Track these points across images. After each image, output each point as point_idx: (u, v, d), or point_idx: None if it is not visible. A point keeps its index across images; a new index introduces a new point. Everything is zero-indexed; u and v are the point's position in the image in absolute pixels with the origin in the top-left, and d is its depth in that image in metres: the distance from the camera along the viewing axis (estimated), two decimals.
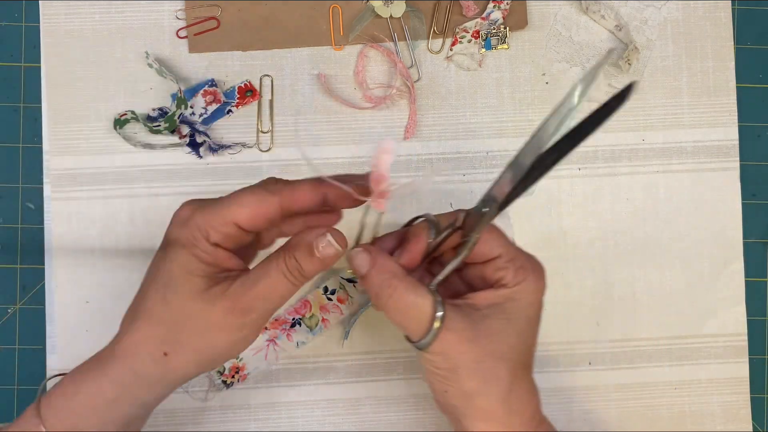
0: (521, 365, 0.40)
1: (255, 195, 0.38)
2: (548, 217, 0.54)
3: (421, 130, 0.53)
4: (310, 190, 0.39)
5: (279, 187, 0.39)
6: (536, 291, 0.41)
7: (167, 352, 0.38)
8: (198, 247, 0.37)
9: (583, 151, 0.54)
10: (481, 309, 0.40)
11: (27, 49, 0.53)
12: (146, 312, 0.38)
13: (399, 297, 0.39)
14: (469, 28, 0.53)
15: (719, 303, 0.54)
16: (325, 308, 0.52)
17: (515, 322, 0.40)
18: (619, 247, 0.54)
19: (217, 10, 0.53)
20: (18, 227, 0.53)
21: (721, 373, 0.54)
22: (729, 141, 0.54)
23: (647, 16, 0.54)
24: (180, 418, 0.52)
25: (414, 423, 0.53)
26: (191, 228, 0.37)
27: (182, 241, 0.37)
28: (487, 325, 0.39)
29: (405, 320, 0.39)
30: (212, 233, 0.37)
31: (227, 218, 0.37)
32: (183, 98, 0.51)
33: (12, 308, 0.53)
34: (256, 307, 0.38)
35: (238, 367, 0.52)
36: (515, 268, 0.40)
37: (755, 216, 0.54)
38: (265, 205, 0.38)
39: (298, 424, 0.53)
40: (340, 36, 0.53)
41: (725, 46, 0.54)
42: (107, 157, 0.52)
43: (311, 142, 0.53)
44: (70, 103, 0.52)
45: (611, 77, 0.54)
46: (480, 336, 0.39)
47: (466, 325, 0.39)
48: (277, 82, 0.53)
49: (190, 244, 0.37)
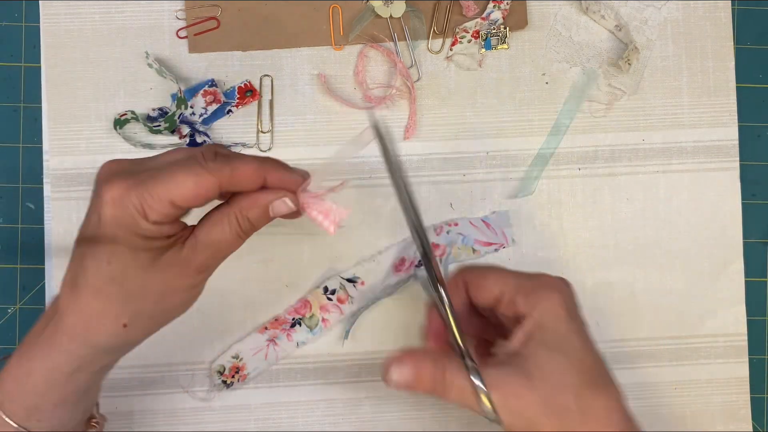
0: (587, 383, 0.38)
1: (193, 174, 0.36)
2: (548, 217, 0.54)
3: (421, 130, 0.53)
4: (253, 172, 0.37)
5: (218, 166, 0.36)
6: (556, 305, 0.40)
7: (126, 324, 0.38)
8: (138, 225, 0.36)
9: (583, 151, 0.54)
10: (520, 350, 0.39)
11: (27, 49, 0.53)
12: (93, 289, 0.37)
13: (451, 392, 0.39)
14: (469, 28, 0.53)
15: (719, 303, 0.54)
16: (325, 308, 0.52)
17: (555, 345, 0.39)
18: (619, 247, 0.54)
19: (217, 10, 0.53)
20: (18, 227, 0.53)
21: (721, 373, 0.54)
22: (729, 141, 0.54)
23: (647, 16, 0.54)
24: (180, 418, 0.52)
25: (414, 423, 0.53)
26: (128, 208, 0.35)
27: (121, 220, 0.36)
28: (533, 363, 0.38)
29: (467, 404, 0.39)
30: (150, 213, 0.35)
31: (164, 198, 0.35)
32: (183, 98, 0.51)
33: (12, 308, 0.53)
34: (210, 265, 0.39)
35: (238, 367, 0.52)
36: (525, 295, 0.40)
37: (755, 216, 0.54)
38: (204, 185, 0.36)
39: (298, 424, 0.53)
40: (340, 36, 0.53)
41: (725, 46, 0.54)
42: (107, 157, 0.52)
43: (311, 142, 0.53)
44: (70, 103, 0.52)
45: (611, 77, 0.54)
46: (534, 377, 0.38)
47: (514, 377, 0.38)
48: (277, 82, 0.53)
49: (130, 223, 0.36)
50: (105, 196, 0.36)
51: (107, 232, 0.36)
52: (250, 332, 0.52)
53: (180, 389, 0.52)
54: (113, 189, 0.36)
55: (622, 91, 0.54)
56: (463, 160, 0.53)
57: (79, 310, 0.37)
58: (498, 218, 0.53)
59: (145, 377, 0.52)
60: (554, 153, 0.53)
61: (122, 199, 0.35)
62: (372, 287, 0.53)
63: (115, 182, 0.36)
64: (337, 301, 0.53)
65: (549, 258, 0.53)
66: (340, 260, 0.53)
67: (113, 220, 0.36)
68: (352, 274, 0.53)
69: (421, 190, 0.53)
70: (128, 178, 0.36)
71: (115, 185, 0.36)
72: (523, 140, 0.54)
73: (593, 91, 0.54)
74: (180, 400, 0.52)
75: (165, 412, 0.52)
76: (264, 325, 0.52)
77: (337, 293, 0.53)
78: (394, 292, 0.52)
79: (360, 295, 0.53)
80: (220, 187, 0.36)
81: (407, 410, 0.53)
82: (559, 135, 0.54)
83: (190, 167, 0.36)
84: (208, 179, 0.36)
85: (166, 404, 0.52)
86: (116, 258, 0.36)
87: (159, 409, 0.52)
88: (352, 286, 0.53)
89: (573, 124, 0.54)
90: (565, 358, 0.38)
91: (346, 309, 0.53)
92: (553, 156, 0.53)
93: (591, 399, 0.38)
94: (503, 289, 0.41)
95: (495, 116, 0.54)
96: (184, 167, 0.36)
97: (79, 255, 0.37)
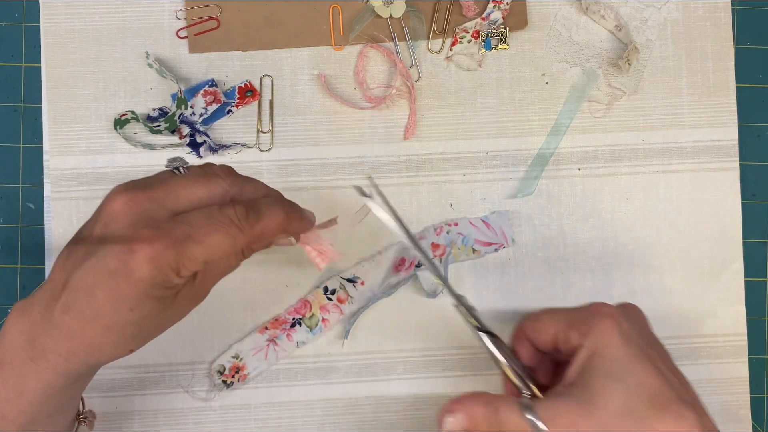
0: (652, 407, 0.37)
1: (230, 238, 0.37)
2: (548, 217, 0.54)
3: (421, 130, 0.53)
4: (278, 228, 0.39)
5: (251, 225, 0.37)
6: (609, 331, 0.39)
7: (133, 349, 0.38)
8: (170, 281, 0.36)
9: (583, 151, 0.54)
10: (576, 381, 0.39)
11: (27, 49, 0.53)
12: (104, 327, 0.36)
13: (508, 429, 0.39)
14: (469, 28, 0.53)
15: (719, 303, 0.54)
16: (325, 308, 0.52)
17: (610, 372, 0.38)
18: (619, 247, 0.54)
19: (217, 11, 0.53)
20: (18, 227, 0.53)
21: (721, 373, 0.54)
22: (729, 141, 0.54)
23: (647, 16, 0.54)
24: (180, 418, 0.52)
25: (414, 423, 0.53)
26: (164, 267, 0.35)
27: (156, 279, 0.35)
28: (589, 392, 0.38)
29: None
30: (183, 271, 0.36)
31: (200, 259, 0.36)
32: (183, 98, 0.52)
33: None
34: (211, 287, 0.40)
35: (238, 367, 0.52)
36: (577, 329, 0.40)
37: (755, 216, 0.54)
38: (237, 246, 0.37)
39: (298, 424, 0.53)
40: (340, 36, 0.53)
41: (725, 46, 0.54)
42: (107, 157, 0.52)
43: (311, 142, 0.53)
44: (70, 103, 0.52)
45: (611, 77, 0.54)
46: (591, 406, 0.37)
47: (570, 407, 0.38)
48: (277, 82, 0.53)
49: (163, 280, 0.36)
50: (141, 253, 0.35)
51: (139, 286, 0.35)
52: (250, 332, 0.52)
53: (180, 389, 0.52)
54: (150, 248, 0.35)
55: (622, 91, 0.54)
56: (463, 160, 0.53)
57: (82, 337, 0.36)
58: (498, 218, 0.53)
59: (145, 377, 0.52)
60: (554, 153, 0.54)
61: (158, 258, 0.35)
62: (372, 287, 0.53)
63: (152, 240, 0.35)
64: (337, 301, 0.53)
65: (549, 258, 0.53)
66: (340, 260, 0.53)
67: (149, 278, 0.35)
68: (352, 274, 0.53)
69: (422, 190, 0.53)
70: (164, 238, 0.35)
71: (151, 245, 0.35)
72: (523, 140, 0.54)
73: (593, 91, 0.54)
74: (180, 400, 0.52)
75: (165, 412, 0.52)
76: (264, 325, 0.52)
77: (337, 293, 0.53)
78: (394, 292, 0.52)
79: (360, 295, 0.53)
80: (247, 241, 0.38)
81: (407, 410, 0.53)
82: (559, 135, 0.54)
83: (227, 230, 0.36)
84: (242, 240, 0.37)
85: (166, 404, 0.53)
86: (140, 306, 0.36)
87: (159, 409, 0.52)
88: (352, 286, 0.53)
89: (573, 124, 0.54)
90: (622, 383, 0.38)
91: (346, 309, 0.53)
92: (553, 156, 0.53)
93: (656, 423, 0.37)
94: (557, 327, 0.41)
95: (495, 116, 0.54)
96: (220, 229, 0.36)
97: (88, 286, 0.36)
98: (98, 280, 0.35)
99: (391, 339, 0.53)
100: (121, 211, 0.36)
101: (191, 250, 0.36)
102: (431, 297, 0.52)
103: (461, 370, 0.53)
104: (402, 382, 0.53)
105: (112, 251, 0.35)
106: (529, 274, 0.53)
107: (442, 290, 0.52)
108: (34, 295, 0.38)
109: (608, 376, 0.38)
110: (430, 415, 0.53)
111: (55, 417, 0.40)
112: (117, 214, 0.36)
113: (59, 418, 0.40)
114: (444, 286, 0.43)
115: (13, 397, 0.38)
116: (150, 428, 0.52)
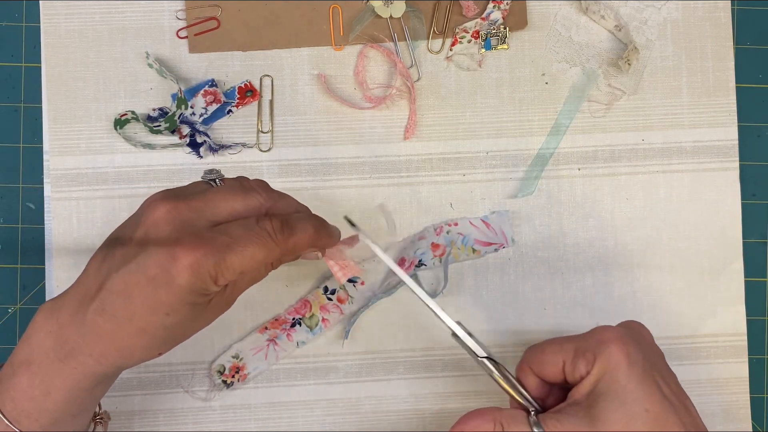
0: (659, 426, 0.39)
1: (266, 249, 0.38)
2: (548, 217, 0.54)
3: (421, 130, 0.53)
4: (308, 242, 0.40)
5: (284, 238, 0.39)
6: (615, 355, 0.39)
7: (162, 353, 0.39)
8: (207, 289, 0.37)
9: (582, 151, 0.54)
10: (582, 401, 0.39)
11: (27, 49, 0.53)
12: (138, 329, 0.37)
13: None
14: (469, 28, 0.53)
15: (719, 303, 0.54)
16: (325, 308, 0.52)
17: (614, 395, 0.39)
18: (619, 247, 0.54)
19: (217, 11, 0.53)
20: (18, 227, 0.53)
21: (721, 373, 0.54)
22: (729, 141, 0.54)
23: (647, 17, 0.54)
24: (180, 418, 0.52)
25: (414, 423, 0.53)
26: (202, 274, 0.36)
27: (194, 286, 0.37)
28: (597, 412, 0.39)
29: None
30: (220, 279, 0.37)
31: (237, 269, 0.37)
32: (183, 98, 0.52)
33: (12, 308, 0.53)
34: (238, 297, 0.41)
35: (239, 367, 0.52)
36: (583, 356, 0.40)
37: (755, 216, 0.54)
38: (272, 257, 0.39)
39: (298, 424, 0.53)
40: (340, 36, 0.53)
41: (725, 46, 0.54)
42: (107, 157, 0.52)
43: (311, 142, 0.53)
44: (70, 103, 0.52)
45: (611, 77, 0.54)
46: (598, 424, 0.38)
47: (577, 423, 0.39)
48: (277, 82, 0.53)
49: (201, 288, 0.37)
50: (183, 260, 0.36)
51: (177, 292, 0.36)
52: (250, 332, 0.53)
53: (180, 389, 0.52)
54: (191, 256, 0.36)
55: (622, 91, 0.54)
56: (463, 160, 0.53)
57: (114, 340, 0.37)
58: (498, 218, 0.53)
59: (145, 377, 0.52)
60: (554, 153, 0.54)
61: (199, 266, 0.36)
62: (372, 287, 0.53)
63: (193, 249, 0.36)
64: (337, 301, 0.53)
65: (549, 258, 0.53)
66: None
67: (187, 285, 0.36)
68: None
69: (422, 190, 0.53)
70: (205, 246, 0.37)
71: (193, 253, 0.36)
72: (523, 140, 0.54)
73: (593, 91, 0.54)
74: (180, 399, 0.52)
75: (165, 412, 0.52)
76: (264, 325, 0.52)
77: (337, 293, 0.53)
78: (394, 292, 0.52)
79: (360, 295, 0.53)
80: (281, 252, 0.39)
81: (407, 410, 0.53)
82: (559, 135, 0.54)
83: (263, 242, 0.38)
84: (276, 252, 0.39)
85: (166, 404, 0.53)
86: (175, 312, 0.37)
87: (159, 409, 0.52)
88: (352, 286, 0.53)
89: (573, 124, 0.54)
90: (624, 407, 0.38)
91: (346, 309, 0.53)
92: (553, 156, 0.54)
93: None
94: (564, 357, 0.41)
95: (495, 116, 0.54)
96: (257, 242, 0.38)
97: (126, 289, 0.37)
98: (137, 285, 0.36)
99: (391, 339, 0.53)
100: (163, 218, 0.37)
101: (230, 260, 0.37)
102: (431, 297, 0.52)
103: (461, 370, 0.53)
104: (402, 382, 0.53)
105: (153, 257, 0.36)
106: (529, 274, 0.53)
107: (442, 290, 0.52)
108: (63, 297, 0.38)
109: (614, 399, 0.39)
110: (431, 414, 0.53)
111: (77, 417, 0.40)
112: (159, 221, 0.37)
113: (81, 419, 0.41)
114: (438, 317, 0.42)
115: (39, 396, 0.38)
116: (150, 428, 0.52)
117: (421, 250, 0.52)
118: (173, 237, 0.37)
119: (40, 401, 0.38)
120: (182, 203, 0.38)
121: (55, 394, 0.38)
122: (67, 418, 0.39)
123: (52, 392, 0.38)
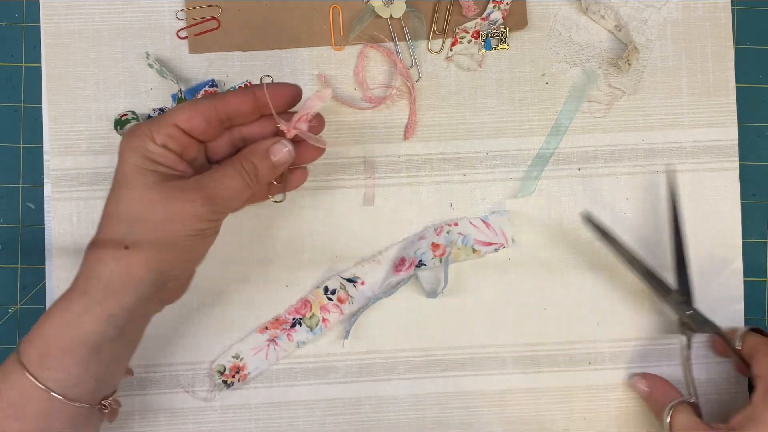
0: None
1: (190, 102, 0.43)
2: (548, 217, 0.54)
3: (421, 130, 0.53)
4: (241, 92, 0.43)
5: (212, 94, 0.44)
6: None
7: (128, 246, 0.40)
8: (146, 147, 0.41)
9: (582, 151, 0.54)
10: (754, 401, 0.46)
11: (27, 49, 0.53)
12: (105, 216, 0.42)
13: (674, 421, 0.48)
14: (469, 29, 0.53)
15: (719, 303, 0.54)
16: (325, 308, 0.52)
17: None
18: None
19: (217, 11, 0.53)
20: (18, 227, 0.53)
21: (721, 373, 0.54)
22: (728, 141, 0.54)
23: (647, 17, 0.54)
24: (180, 418, 0.52)
25: (414, 423, 0.53)
26: (138, 135, 0.41)
27: (131, 146, 0.41)
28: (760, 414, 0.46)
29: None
30: (157, 135, 0.41)
31: (168, 121, 0.41)
32: (183, 98, 0.52)
33: (12, 308, 0.53)
34: (213, 199, 0.41)
35: (239, 367, 0.52)
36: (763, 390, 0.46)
37: (755, 216, 0.55)
38: (200, 108, 0.42)
39: (298, 424, 0.53)
40: (340, 36, 0.53)
41: (725, 46, 0.54)
42: (107, 157, 0.52)
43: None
44: (70, 103, 0.52)
45: (611, 77, 0.54)
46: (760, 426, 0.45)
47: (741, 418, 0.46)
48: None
49: (138, 146, 0.41)
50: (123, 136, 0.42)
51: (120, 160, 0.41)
52: (250, 332, 0.53)
53: (180, 389, 0.52)
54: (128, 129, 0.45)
55: (622, 91, 0.54)
56: (463, 160, 0.54)
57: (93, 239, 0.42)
58: (498, 218, 0.53)
59: (145, 377, 0.52)
60: (554, 153, 0.54)
61: (134, 129, 0.42)
62: (372, 287, 0.53)
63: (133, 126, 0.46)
64: (337, 301, 0.53)
65: (549, 258, 0.54)
66: (340, 260, 0.53)
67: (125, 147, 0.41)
68: (352, 274, 0.53)
69: (422, 190, 0.53)
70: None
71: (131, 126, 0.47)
72: (523, 140, 0.54)
73: (593, 91, 0.54)
74: (180, 400, 0.52)
75: (165, 412, 0.52)
76: (264, 325, 0.52)
77: (337, 293, 0.53)
78: (394, 292, 0.52)
79: (360, 295, 0.53)
80: (215, 107, 0.42)
81: (407, 410, 0.53)
82: (559, 135, 0.54)
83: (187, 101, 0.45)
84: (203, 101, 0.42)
85: (166, 404, 0.53)
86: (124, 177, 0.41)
87: (159, 409, 0.53)
88: (352, 286, 0.53)
89: (573, 124, 0.54)
90: None
91: (346, 309, 0.53)
92: (553, 156, 0.54)
93: None
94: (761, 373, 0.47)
95: (495, 116, 0.54)
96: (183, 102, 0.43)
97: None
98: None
99: (391, 339, 0.53)
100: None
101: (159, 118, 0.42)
102: (431, 297, 0.52)
103: (461, 370, 0.53)
104: (402, 382, 0.53)
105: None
106: (529, 274, 0.53)
107: (442, 290, 0.52)
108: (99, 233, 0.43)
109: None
110: (431, 415, 0.53)
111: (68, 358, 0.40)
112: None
113: (72, 363, 0.40)
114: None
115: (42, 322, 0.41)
116: (150, 428, 0.52)
117: (422, 250, 0.52)
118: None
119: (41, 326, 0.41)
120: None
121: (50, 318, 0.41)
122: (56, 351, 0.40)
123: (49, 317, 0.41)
